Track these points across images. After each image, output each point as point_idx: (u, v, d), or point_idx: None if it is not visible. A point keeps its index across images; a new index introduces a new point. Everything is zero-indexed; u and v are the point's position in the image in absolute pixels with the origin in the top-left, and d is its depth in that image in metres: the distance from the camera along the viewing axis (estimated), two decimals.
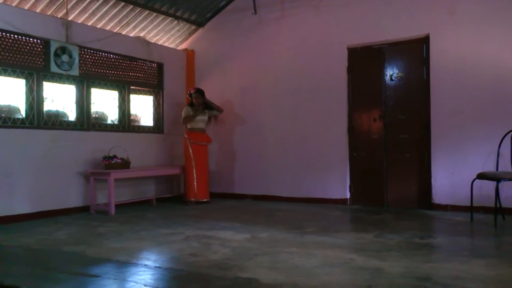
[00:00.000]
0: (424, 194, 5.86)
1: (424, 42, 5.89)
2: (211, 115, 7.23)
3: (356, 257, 3.41)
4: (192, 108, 6.85)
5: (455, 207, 5.59)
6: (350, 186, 6.40)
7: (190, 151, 6.69)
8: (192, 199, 6.67)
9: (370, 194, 6.26)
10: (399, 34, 6.01)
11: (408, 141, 6.00)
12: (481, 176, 4.80)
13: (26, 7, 5.61)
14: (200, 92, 6.89)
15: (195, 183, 6.68)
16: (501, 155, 4.95)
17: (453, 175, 5.62)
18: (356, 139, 6.38)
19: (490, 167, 5.20)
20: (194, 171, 6.68)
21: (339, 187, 6.44)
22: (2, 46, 5.27)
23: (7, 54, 5.30)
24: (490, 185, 4.92)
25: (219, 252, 3.63)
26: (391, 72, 6.13)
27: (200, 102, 6.85)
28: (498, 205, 4.79)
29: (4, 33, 5.27)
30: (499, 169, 5.04)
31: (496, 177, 4.64)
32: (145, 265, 3.28)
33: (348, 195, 6.40)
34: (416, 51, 5.99)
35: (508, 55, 5.34)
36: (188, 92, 7.06)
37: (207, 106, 7.03)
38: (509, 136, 4.97)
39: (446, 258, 3.40)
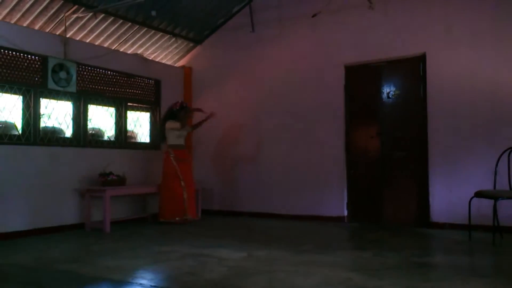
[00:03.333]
0: (421, 212, 5.84)
1: (421, 60, 5.94)
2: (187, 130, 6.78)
3: (354, 276, 3.37)
4: (175, 122, 6.46)
5: (453, 225, 5.56)
6: (347, 204, 6.37)
7: (177, 168, 6.34)
8: (177, 219, 6.26)
9: (367, 211, 6.23)
10: (396, 52, 6.06)
11: (406, 159, 5.99)
12: (479, 194, 4.78)
13: (25, 24, 5.64)
14: (187, 110, 6.63)
15: (185, 202, 6.31)
16: (499, 173, 4.95)
17: (451, 193, 5.61)
18: (354, 156, 6.37)
19: (488, 185, 5.19)
20: (184, 189, 6.32)
21: (337, 204, 6.40)
22: (0, 62, 5.27)
23: (5, 70, 5.30)
24: (488, 203, 4.90)
25: (216, 270, 3.58)
26: (388, 90, 6.16)
27: (188, 120, 6.69)
28: (496, 224, 4.76)
29: (2, 50, 5.28)
30: (497, 187, 5.03)
31: (494, 196, 4.63)
32: (141, 284, 3.23)
33: (345, 213, 6.37)
34: (413, 69, 6.03)
35: (505, 73, 5.38)
36: (173, 109, 6.53)
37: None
38: (506, 154, 4.97)
39: (445, 277, 3.36)
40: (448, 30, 5.73)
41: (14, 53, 5.39)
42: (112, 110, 6.69)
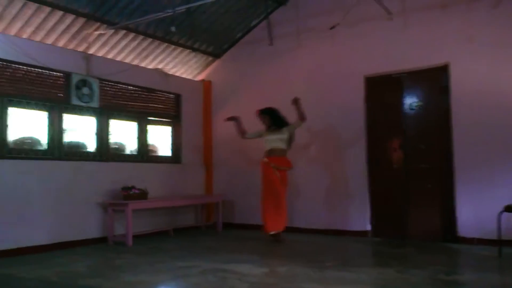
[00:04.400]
0: (448, 227, 5.68)
1: (443, 70, 5.83)
2: (291, 132, 6.09)
3: None
4: (267, 129, 6.11)
5: (481, 241, 5.37)
6: (371, 218, 6.25)
7: (264, 175, 5.93)
8: (277, 232, 5.84)
9: (391, 226, 6.09)
10: (418, 63, 5.96)
11: (430, 171, 5.86)
12: (509, 208, 4.62)
13: (49, 42, 5.77)
14: (265, 113, 6.14)
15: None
16: None
17: (478, 207, 5.44)
18: (376, 169, 6.26)
19: None
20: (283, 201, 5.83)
21: (360, 218, 6.29)
22: (27, 80, 5.40)
23: (30, 87, 5.43)
24: None
25: (236, 287, 3.54)
26: (410, 101, 6.06)
27: (268, 123, 6.11)
28: None
29: (28, 67, 5.41)
30: None
31: None
32: None
33: (369, 227, 6.24)
34: (435, 80, 5.93)
35: None
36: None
37: (282, 123, 6.08)
38: None
39: None
40: (471, 40, 5.62)
41: (39, 70, 5.52)
42: (134, 124, 6.76)
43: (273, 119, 6.08)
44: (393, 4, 6.00)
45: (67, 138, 5.83)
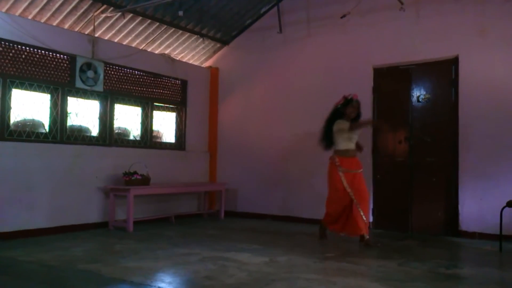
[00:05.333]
0: (450, 220, 5.63)
1: (453, 63, 5.73)
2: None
3: (378, 286, 3.25)
4: (345, 122, 5.10)
5: (483, 235, 5.33)
6: (373, 210, 6.21)
7: (343, 179, 4.98)
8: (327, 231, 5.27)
9: (394, 218, 6.05)
10: (427, 55, 5.87)
11: (435, 165, 5.79)
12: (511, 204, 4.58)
13: (54, 24, 5.72)
14: (354, 102, 5.15)
15: (349, 218, 5.03)
16: None
17: (481, 201, 5.39)
18: (381, 161, 6.21)
19: None
20: (356, 204, 4.93)
21: None
22: (30, 61, 5.36)
23: (34, 69, 5.39)
24: None
25: (235, 276, 3.52)
26: (418, 93, 5.97)
27: (355, 115, 5.17)
28: None
29: (32, 49, 5.37)
30: None
31: None
32: (159, 287, 3.20)
33: (371, 219, 6.20)
34: (444, 72, 5.83)
35: None
36: (348, 97, 5.16)
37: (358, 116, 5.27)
38: None
39: None
40: (483, 33, 5.50)
41: (43, 51, 5.48)
42: (138, 109, 6.73)
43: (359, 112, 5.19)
44: None
45: (70, 121, 5.81)
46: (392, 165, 6.12)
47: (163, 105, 7.14)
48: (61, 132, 5.63)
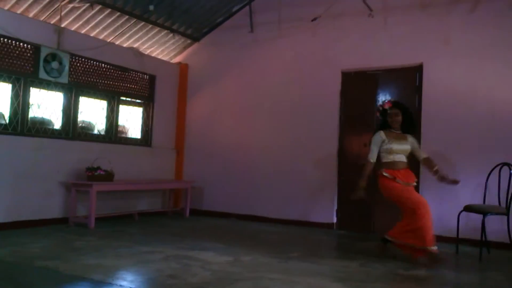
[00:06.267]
0: None
1: (417, 70, 5.89)
2: (415, 147, 4.72)
3: (340, 286, 3.31)
4: (387, 132, 4.61)
5: (441, 238, 5.45)
6: (337, 211, 6.31)
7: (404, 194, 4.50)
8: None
9: (357, 219, 6.17)
10: (394, 61, 6.01)
11: None
12: (468, 208, 4.76)
13: (18, 11, 5.52)
14: (400, 107, 4.63)
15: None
16: (489, 188, 4.91)
17: (440, 205, 5.56)
18: (345, 163, 6.31)
19: (477, 200, 5.16)
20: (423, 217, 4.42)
21: (326, 210, 6.35)
22: None
23: None
24: (477, 217, 4.85)
25: (199, 275, 3.50)
26: (384, 99, 6.11)
27: (399, 122, 4.61)
28: (484, 239, 4.72)
29: None
30: (486, 202, 5.00)
31: (483, 211, 4.61)
32: (120, 285, 3.15)
33: (334, 220, 6.31)
34: (409, 79, 5.99)
35: (502, 88, 5.34)
36: (380, 108, 4.77)
37: (411, 128, 4.72)
38: (497, 169, 4.94)
39: None
40: (447, 42, 5.69)
41: (5, 40, 5.28)
42: (104, 103, 6.58)
43: (405, 120, 4.63)
44: (375, 1, 6.01)
45: (32, 113, 5.62)
46: (356, 167, 6.21)
47: (129, 99, 7.01)
48: (22, 124, 5.44)
